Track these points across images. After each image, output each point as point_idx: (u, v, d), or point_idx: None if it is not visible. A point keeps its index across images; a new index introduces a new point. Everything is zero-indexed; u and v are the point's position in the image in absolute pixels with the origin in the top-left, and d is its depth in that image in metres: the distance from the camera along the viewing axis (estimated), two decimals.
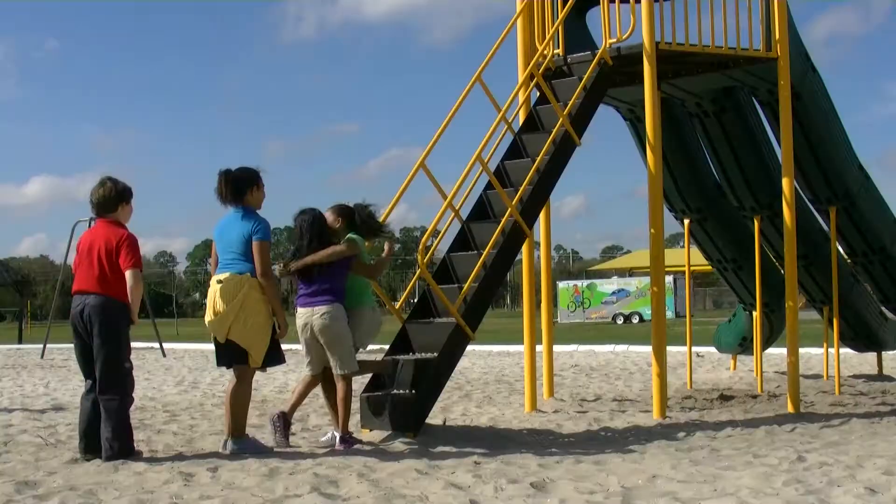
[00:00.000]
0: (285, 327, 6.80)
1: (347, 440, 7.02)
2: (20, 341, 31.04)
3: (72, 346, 6.76)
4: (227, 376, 15.06)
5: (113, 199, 6.50)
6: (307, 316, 7.08)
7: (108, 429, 6.35)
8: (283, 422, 7.15)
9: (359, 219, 7.33)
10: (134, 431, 8.10)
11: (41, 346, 22.19)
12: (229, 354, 6.75)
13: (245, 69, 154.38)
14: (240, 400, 6.79)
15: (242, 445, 6.70)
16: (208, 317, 6.68)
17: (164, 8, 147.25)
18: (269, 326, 6.69)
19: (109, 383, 6.37)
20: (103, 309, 6.34)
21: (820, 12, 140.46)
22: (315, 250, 7.00)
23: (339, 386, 7.10)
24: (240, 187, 6.74)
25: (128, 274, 6.32)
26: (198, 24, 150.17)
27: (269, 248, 6.75)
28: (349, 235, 7.23)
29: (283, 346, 7.09)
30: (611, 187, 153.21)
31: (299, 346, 7.44)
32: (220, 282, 6.62)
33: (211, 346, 7.19)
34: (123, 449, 6.38)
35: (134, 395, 6.66)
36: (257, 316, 6.63)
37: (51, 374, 15.83)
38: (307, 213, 7.19)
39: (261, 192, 6.87)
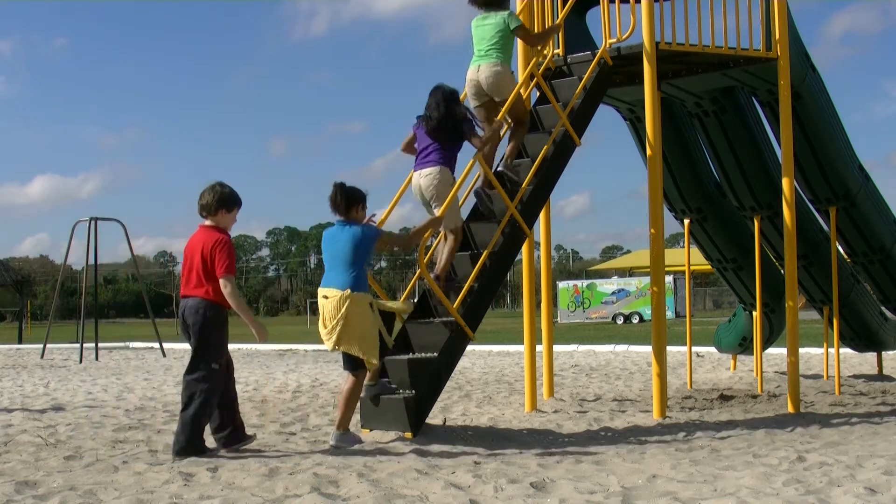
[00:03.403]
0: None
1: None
2: (20, 341, 31.05)
3: (71, 345, 6.80)
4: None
5: (215, 204, 6.71)
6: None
7: (180, 423, 6.61)
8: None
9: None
10: (134, 431, 8.15)
11: (41, 346, 22.17)
12: (345, 359, 7.21)
13: (252, 67, 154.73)
14: (352, 398, 7.17)
15: (343, 440, 7.07)
16: (321, 329, 7.11)
17: (173, 7, 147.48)
18: (374, 333, 7.07)
19: (197, 380, 6.62)
20: (196, 311, 6.62)
21: (836, 10, 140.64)
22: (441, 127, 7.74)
23: (451, 239, 7.88)
24: (351, 201, 7.19)
25: (221, 281, 6.59)
26: (206, 23, 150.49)
27: (378, 237, 7.24)
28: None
29: (285, 346, 7.10)
30: (616, 186, 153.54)
31: (298, 347, 7.43)
32: (325, 297, 7.06)
33: None
34: (191, 446, 6.55)
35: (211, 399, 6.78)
36: (360, 327, 7.00)
37: (51, 374, 15.83)
38: (440, 89, 7.86)
39: (364, 212, 7.32)
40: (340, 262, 7.10)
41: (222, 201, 6.73)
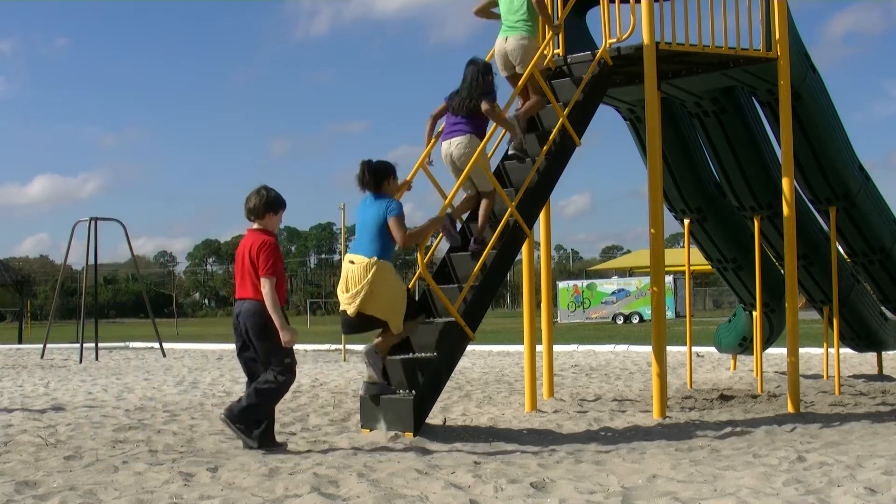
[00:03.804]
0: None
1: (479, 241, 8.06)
2: (20, 341, 31.05)
3: (71, 345, 6.83)
4: (227, 377, 15.10)
5: (262, 207, 6.90)
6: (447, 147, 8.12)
7: (246, 400, 6.83)
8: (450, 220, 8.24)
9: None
10: (134, 431, 8.15)
11: (41, 346, 22.17)
12: (360, 325, 7.41)
13: (253, 67, 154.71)
14: (386, 345, 7.53)
15: (373, 359, 7.45)
16: (341, 293, 7.34)
17: (174, 7, 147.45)
18: (401, 297, 7.40)
19: (271, 371, 6.82)
20: (253, 314, 6.78)
21: (837, 10, 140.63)
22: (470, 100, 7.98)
23: (485, 202, 8.13)
24: (378, 177, 7.42)
25: (262, 281, 6.74)
26: (207, 23, 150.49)
27: (403, 221, 7.39)
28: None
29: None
30: (616, 186, 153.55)
31: (298, 347, 7.46)
32: (352, 262, 7.29)
33: (210, 347, 7.21)
34: (247, 431, 6.84)
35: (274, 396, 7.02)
36: (387, 294, 7.28)
37: (51, 374, 15.83)
38: (475, 63, 8.12)
39: (396, 183, 7.57)
40: (369, 232, 7.33)
41: (268, 205, 6.93)
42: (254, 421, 6.89)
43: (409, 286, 9.72)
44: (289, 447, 7.18)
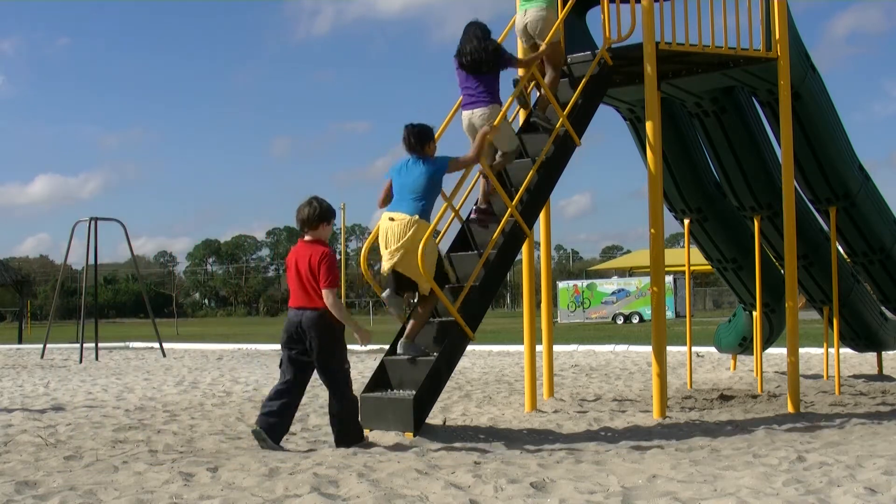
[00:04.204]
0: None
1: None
2: (20, 341, 31.05)
3: (71, 345, 6.82)
4: (227, 377, 15.08)
5: (316, 218, 7.04)
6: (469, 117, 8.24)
7: (334, 424, 7.09)
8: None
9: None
10: (134, 431, 8.15)
11: (41, 346, 22.17)
12: (399, 282, 7.58)
13: (255, 67, 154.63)
14: (421, 316, 7.67)
15: (411, 348, 7.61)
16: (384, 250, 7.47)
17: (175, 6, 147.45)
18: (433, 259, 7.54)
19: (332, 388, 7.00)
20: (316, 323, 6.88)
21: (840, 10, 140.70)
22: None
23: (502, 161, 8.30)
24: (422, 139, 7.62)
25: (324, 293, 6.86)
26: (209, 22, 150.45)
27: (443, 173, 7.65)
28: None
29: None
30: (618, 186, 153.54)
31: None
32: (392, 219, 7.44)
33: (210, 347, 7.21)
34: (352, 437, 7.03)
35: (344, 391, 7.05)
36: (425, 252, 7.35)
37: (51, 374, 15.83)
38: (474, 24, 8.23)
39: (435, 145, 7.73)
40: (411, 192, 7.49)
41: (322, 216, 7.06)
42: (356, 436, 7.09)
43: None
44: (289, 447, 7.17)
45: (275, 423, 6.95)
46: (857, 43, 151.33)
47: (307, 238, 7.09)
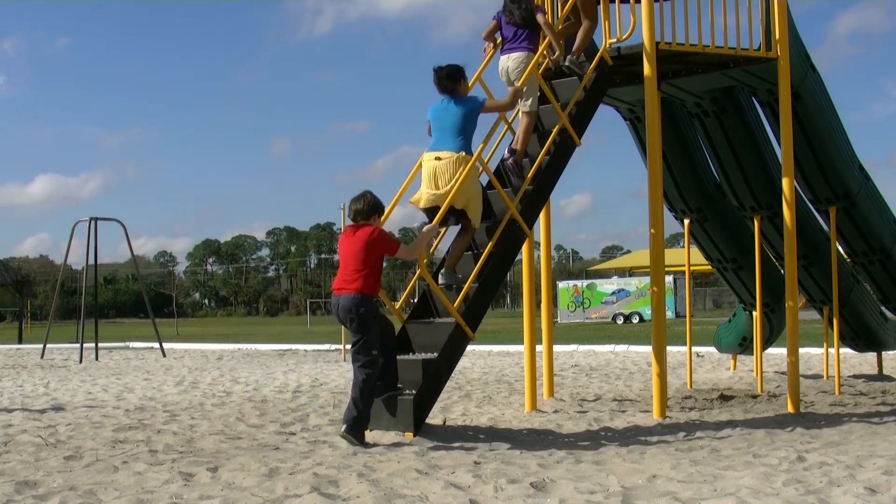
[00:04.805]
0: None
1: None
2: (20, 341, 31.05)
3: (71, 345, 6.82)
4: (227, 377, 15.08)
5: (369, 210, 7.41)
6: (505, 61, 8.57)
7: (350, 400, 7.18)
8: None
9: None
10: (134, 431, 8.15)
11: (41, 346, 22.17)
12: (447, 217, 7.83)
13: (256, 66, 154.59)
14: (460, 246, 8.05)
15: (452, 277, 7.98)
16: (428, 188, 7.72)
17: (177, 6, 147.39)
18: (480, 191, 7.92)
19: (360, 365, 7.21)
20: (351, 309, 7.16)
21: (842, 10, 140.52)
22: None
23: (527, 121, 8.51)
24: (453, 79, 7.86)
25: (402, 251, 7.42)
26: (210, 22, 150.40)
27: (479, 111, 7.90)
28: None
29: (285, 346, 7.14)
30: (619, 186, 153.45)
31: (298, 347, 7.44)
32: (438, 158, 7.72)
33: (210, 347, 7.21)
34: (357, 425, 7.08)
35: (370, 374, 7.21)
36: (472, 187, 7.74)
37: (51, 374, 15.83)
38: None
39: (466, 83, 7.98)
40: (451, 131, 7.76)
41: (374, 208, 7.43)
42: (361, 425, 7.16)
43: (409, 286, 9.78)
44: (289, 447, 7.17)
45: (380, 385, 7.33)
46: (859, 43, 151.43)
47: (358, 225, 7.43)
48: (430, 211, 7.77)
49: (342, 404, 10.11)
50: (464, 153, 7.70)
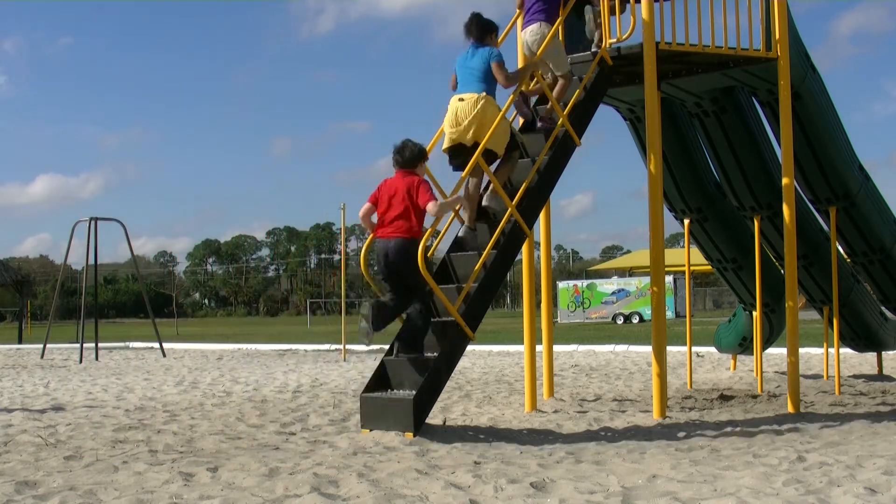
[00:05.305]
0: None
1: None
2: (20, 341, 31.06)
3: (71, 345, 6.81)
4: (227, 377, 15.06)
5: (415, 158, 7.77)
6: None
7: (407, 332, 7.69)
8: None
9: None
10: (134, 431, 8.16)
11: (41, 346, 22.17)
12: (464, 154, 8.06)
13: (256, 66, 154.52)
14: (500, 177, 8.27)
15: (495, 203, 8.25)
16: (450, 127, 8.06)
17: (178, 5, 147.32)
18: (506, 126, 8.21)
19: (417, 300, 7.63)
20: (402, 252, 7.56)
21: (844, 10, 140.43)
22: None
23: (562, 82, 8.76)
24: (483, 30, 8.22)
25: (430, 206, 7.55)
26: (211, 22, 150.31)
27: (504, 65, 8.15)
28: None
29: (285, 346, 7.14)
30: (620, 186, 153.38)
31: (298, 347, 7.43)
32: (461, 99, 8.06)
33: (210, 347, 7.21)
34: (416, 339, 7.66)
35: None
36: (494, 121, 7.96)
37: (51, 374, 15.83)
38: None
39: (496, 38, 8.32)
40: (475, 76, 8.09)
41: (420, 155, 7.79)
42: (419, 348, 7.70)
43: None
44: (289, 447, 7.17)
45: (380, 314, 7.61)
46: (861, 43, 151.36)
47: (404, 172, 7.74)
48: (454, 151, 8.06)
49: (342, 404, 10.12)
50: (485, 93, 8.01)
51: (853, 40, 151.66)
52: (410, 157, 7.76)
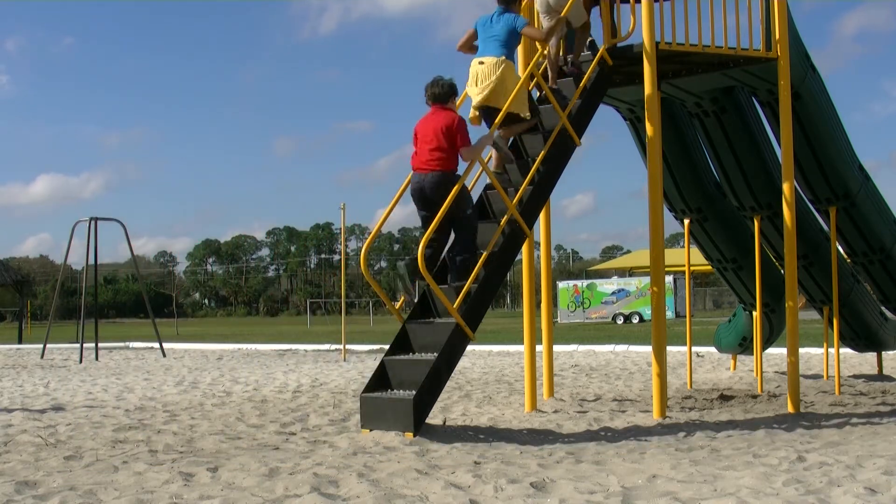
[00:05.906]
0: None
1: None
2: (20, 341, 31.06)
3: (71, 345, 6.81)
4: (227, 377, 15.07)
5: (447, 93, 7.96)
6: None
7: (461, 264, 7.89)
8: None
9: None
10: (134, 431, 8.16)
11: (41, 346, 22.17)
12: (494, 115, 8.26)
13: (257, 66, 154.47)
14: (510, 133, 8.60)
15: (501, 143, 8.49)
16: (472, 90, 8.31)
17: (180, 6, 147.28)
18: (524, 89, 8.42)
19: (459, 235, 7.92)
20: (440, 185, 7.72)
21: (847, 10, 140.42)
22: None
23: (580, 31, 9.02)
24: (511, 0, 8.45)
25: (462, 151, 7.78)
26: (213, 21, 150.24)
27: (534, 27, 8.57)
28: None
29: (285, 346, 7.13)
30: (620, 186, 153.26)
31: (298, 347, 7.43)
32: (481, 63, 8.29)
33: (210, 347, 7.21)
34: (468, 268, 7.83)
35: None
36: (513, 84, 8.21)
37: (51, 374, 15.83)
38: None
39: (520, 6, 8.64)
40: (496, 40, 8.31)
41: (452, 92, 7.98)
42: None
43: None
44: (289, 447, 7.17)
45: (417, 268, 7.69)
46: (864, 43, 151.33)
47: (438, 106, 7.91)
48: (481, 109, 8.34)
49: (342, 404, 10.12)
50: (504, 57, 8.22)
51: (857, 40, 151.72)
52: (442, 93, 7.92)
